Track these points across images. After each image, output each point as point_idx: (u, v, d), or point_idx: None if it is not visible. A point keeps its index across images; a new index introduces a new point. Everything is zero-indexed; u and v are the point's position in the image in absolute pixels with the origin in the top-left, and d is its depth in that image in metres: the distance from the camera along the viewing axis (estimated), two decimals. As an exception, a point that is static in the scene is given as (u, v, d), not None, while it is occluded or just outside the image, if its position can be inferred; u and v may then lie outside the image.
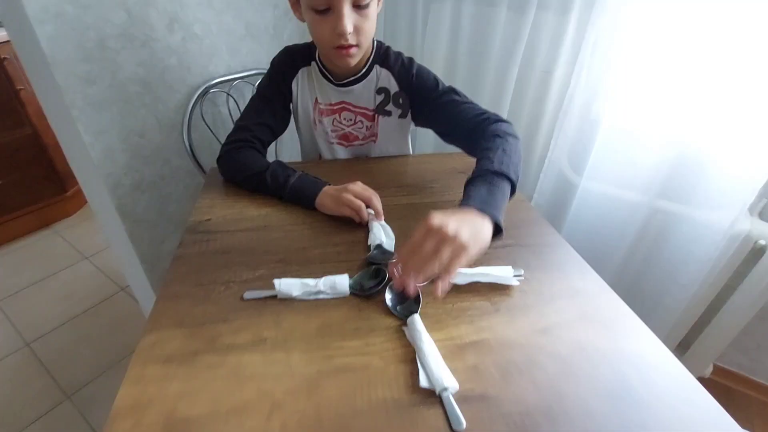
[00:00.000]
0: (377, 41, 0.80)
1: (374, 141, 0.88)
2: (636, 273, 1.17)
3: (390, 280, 0.54)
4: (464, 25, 1.10)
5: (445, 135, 0.81)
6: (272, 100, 0.82)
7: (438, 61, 1.17)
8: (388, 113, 0.83)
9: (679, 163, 0.98)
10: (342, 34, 0.65)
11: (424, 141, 1.28)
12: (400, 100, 0.81)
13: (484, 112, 0.74)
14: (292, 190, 0.71)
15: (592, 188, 1.12)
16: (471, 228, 0.48)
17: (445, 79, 1.19)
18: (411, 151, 0.96)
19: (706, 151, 0.95)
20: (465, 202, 0.57)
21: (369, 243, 0.62)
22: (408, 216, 0.71)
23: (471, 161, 0.69)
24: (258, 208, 0.71)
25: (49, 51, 0.75)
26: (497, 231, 0.55)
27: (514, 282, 0.55)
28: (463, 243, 0.46)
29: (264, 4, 1.12)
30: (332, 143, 0.87)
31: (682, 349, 1.22)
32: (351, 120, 0.84)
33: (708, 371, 1.25)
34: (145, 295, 1.17)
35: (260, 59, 1.14)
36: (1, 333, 1.43)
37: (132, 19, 0.85)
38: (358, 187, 0.68)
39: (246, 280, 0.56)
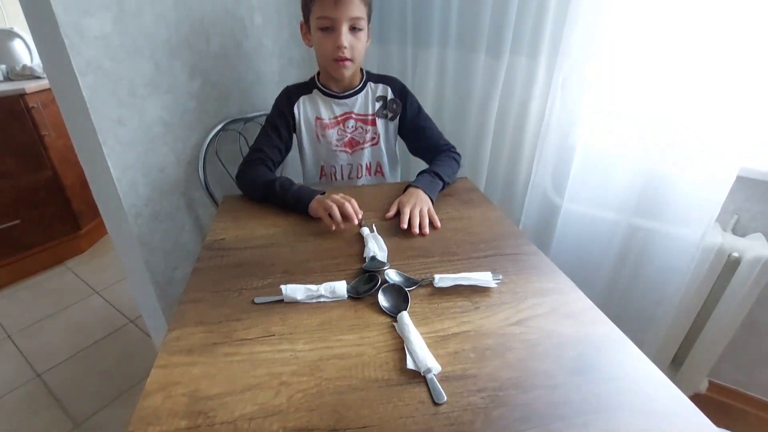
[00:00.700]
0: (366, 71, 1.02)
1: (376, 143, 1.05)
2: (624, 290, 1.22)
3: (383, 283, 0.62)
4: (449, 68, 1.24)
5: (414, 150, 1.08)
6: (278, 126, 0.99)
7: (427, 99, 1.30)
8: (385, 116, 1.03)
9: (649, 183, 1.07)
10: (340, 47, 0.87)
11: (416, 166, 1.39)
12: (394, 105, 1.02)
13: (447, 143, 1.05)
14: (293, 196, 0.85)
15: (574, 209, 1.20)
16: (423, 198, 0.86)
17: (434, 114, 1.32)
18: (398, 155, 1.13)
19: (671, 172, 1.04)
20: (415, 183, 0.90)
21: (364, 255, 0.70)
22: (400, 233, 0.79)
23: (456, 186, 1.01)
24: (266, 229, 0.80)
25: (88, 98, 0.87)
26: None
27: (493, 284, 0.63)
28: (425, 203, 0.84)
29: (272, 55, 1.27)
30: (335, 151, 1.03)
31: (676, 365, 1.26)
32: (353, 126, 1.02)
33: (703, 386, 1.27)
34: (157, 323, 1.23)
35: (267, 102, 1.26)
36: (13, 365, 1.47)
37: (159, 70, 0.99)
38: (338, 195, 0.81)
39: (256, 287, 0.63)
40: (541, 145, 1.17)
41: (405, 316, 0.56)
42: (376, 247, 0.72)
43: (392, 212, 0.84)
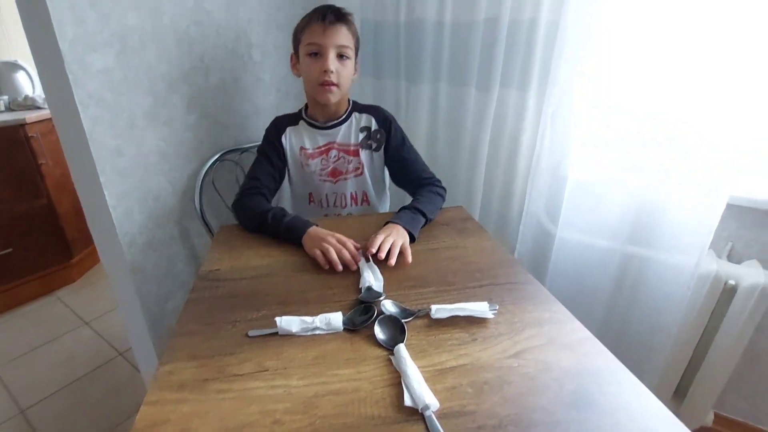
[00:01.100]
0: (353, 101, 1.05)
1: (360, 174, 1.05)
2: (621, 319, 1.21)
3: (379, 314, 0.61)
4: (441, 102, 1.28)
5: (397, 181, 1.08)
6: (270, 155, 1.01)
7: (421, 132, 1.33)
8: (369, 146, 1.04)
9: (641, 211, 1.09)
10: (327, 71, 0.90)
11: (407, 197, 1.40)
12: (378, 136, 1.04)
13: (431, 176, 1.05)
14: (285, 227, 0.85)
15: (569, 237, 1.21)
16: (401, 232, 0.84)
17: (428, 146, 1.35)
18: (387, 183, 1.13)
19: (663, 200, 1.06)
20: (395, 220, 0.87)
21: (360, 286, 0.70)
22: (396, 263, 0.79)
23: (451, 215, 1.00)
24: (261, 259, 0.80)
25: (88, 129, 0.89)
26: (412, 239, 0.86)
27: (490, 315, 0.62)
28: (401, 236, 0.82)
29: (269, 88, 1.31)
30: (319, 180, 1.04)
31: (679, 397, 1.23)
32: (336, 156, 1.03)
33: (709, 419, 1.24)
34: (147, 355, 1.20)
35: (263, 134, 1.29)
36: (-5, 400, 1.42)
37: (157, 102, 1.01)
38: (334, 238, 0.80)
39: (250, 319, 0.62)
40: (534, 174, 1.19)
41: (402, 349, 0.55)
42: (372, 277, 0.72)
43: (373, 249, 0.78)
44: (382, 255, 0.76)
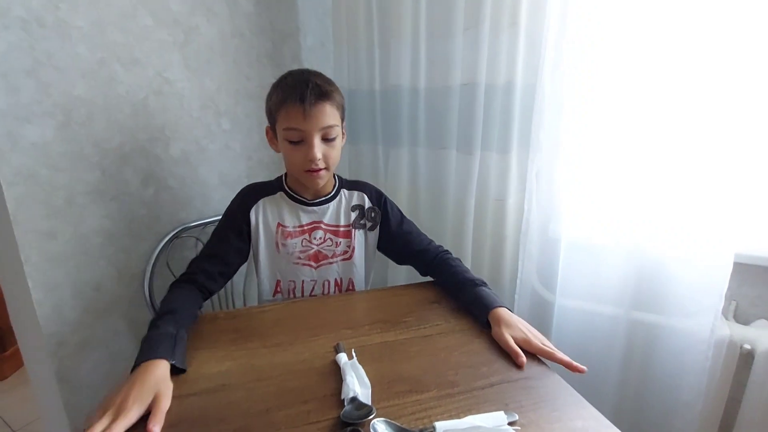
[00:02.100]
0: (339, 176, 0.94)
1: (349, 258, 0.92)
2: (635, 395, 1.09)
3: (369, 444, 0.47)
4: (421, 165, 1.22)
5: (402, 259, 0.96)
6: (229, 234, 0.86)
7: (401, 197, 1.25)
8: (363, 226, 0.93)
9: (643, 273, 1.01)
10: (313, 160, 0.78)
11: (396, 272, 1.29)
12: (372, 214, 0.93)
13: (437, 245, 0.94)
14: (142, 343, 0.63)
15: (568, 305, 1.11)
16: (518, 319, 0.74)
17: (410, 211, 1.27)
18: (372, 268, 1.00)
19: (666, 260, 0.99)
20: (492, 304, 0.74)
21: (342, 396, 0.55)
22: (384, 356, 0.65)
23: (441, 290, 0.87)
24: (218, 363, 0.64)
25: (13, 210, 0.75)
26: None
27: (510, 431, 0.49)
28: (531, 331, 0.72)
29: (238, 158, 1.22)
30: (297, 264, 0.89)
31: (712, 482, 1.07)
32: (321, 238, 0.89)
33: None
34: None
35: (232, 204, 1.18)
36: None
37: (106, 177, 0.89)
38: (128, 398, 0.53)
39: (194, 462, 0.46)
40: (525, 239, 1.11)
41: (402, 500, 0.40)
42: (356, 382, 0.57)
43: (523, 357, 0.64)
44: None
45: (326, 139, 0.80)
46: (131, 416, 0.51)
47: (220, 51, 1.13)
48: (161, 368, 0.58)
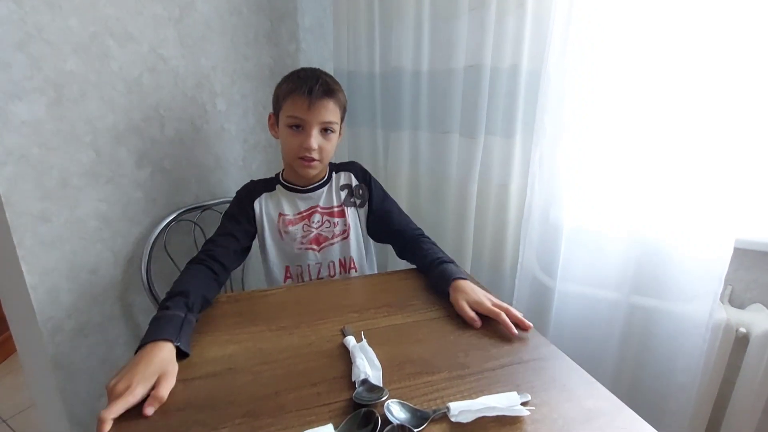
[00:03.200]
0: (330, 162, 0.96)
1: (347, 236, 0.94)
2: (632, 378, 1.10)
3: (384, 424, 0.46)
4: (422, 149, 1.21)
5: (381, 236, 0.99)
6: (239, 217, 0.89)
7: (402, 182, 1.24)
8: (354, 203, 0.96)
9: (644, 259, 1.02)
10: (308, 149, 0.83)
11: (395, 260, 1.28)
12: (360, 191, 0.96)
13: (418, 228, 0.97)
14: (149, 326, 0.61)
15: (569, 290, 1.12)
16: (475, 287, 0.75)
17: (410, 196, 1.26)
18: (370, 242, 1.02)
19: (666, 246, 1.00)
20: (459, 275, 0.77)
21: (353, 378, 0.55)
22: (392, 339, 0.65)
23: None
24: (222, 347, 0.63)
25: (5, 191, 0.72)
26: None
27: (524, 412, 0.48)
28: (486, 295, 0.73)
29: (234, 140, 1.19)
30: (301, 249, 0.92)
31: (703, 460, 1.10)
32: (319, 221, 0.93)
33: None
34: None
35: (229, 189, 1.16)
36: None
37: (100, 158, 0.86)
38: (140, 386, 0.51)
39: (205, 445, 0.45)
40: (527, 224, 1.11)
41: (421, 479, 0.40)
42: (367, 364, 0.57)
43: (478, 321, 0.68)
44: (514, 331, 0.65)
45: (324, 132, 0.85)
46: (136, 395, 0.50)
47: (217, 28, 1.09)
48: (166, 350, 0.57)
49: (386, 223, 0.96)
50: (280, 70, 1.30)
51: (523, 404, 0.50)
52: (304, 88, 0.81)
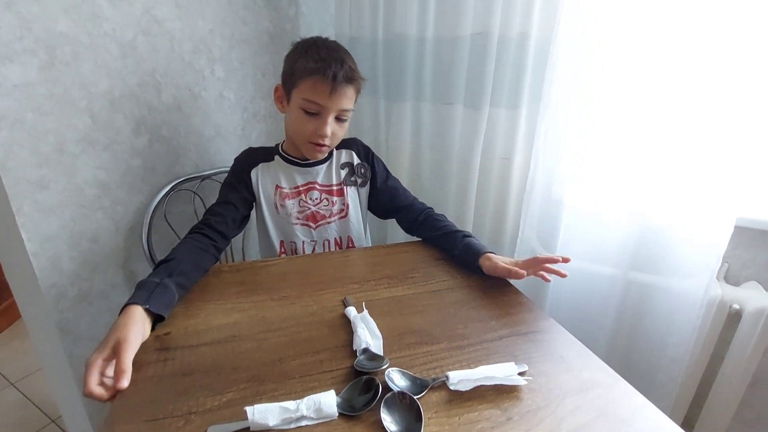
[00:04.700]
0: None
1: (345, 216, 0.92)
2: (625, 349, 1.13)
3: (385, 391, 0.47)
4: (425, 121, 1.18)
5: (386, 213, 0.98)
6: (236, 185, 0.88)
7: (403, 154, 1.22)
8: (354, 183, 0.93)
9: (644, 235, 1.02)
10: (323, 136, 0.80)
11: (396, 230, 1.28)
12: (362, 170, 0.94)
13: (422, 203, 0.96)
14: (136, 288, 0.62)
15: (567, 265, 1.12)
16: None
17: (411, 169, 1.25)
18: (367, 223, 1.01)
19: (665, 224, 0.99)
20: (482, 250, 0.79)
21: (354, 347, 0.56)
22: (393, 310, 0.65)
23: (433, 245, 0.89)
24: (226, 315, 0.64)
25: (1, 157, 0.71)
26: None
27: (521, 381, 0.50)
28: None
29: (234, 108, 1.16)
30: (296, 224, 0.90)
31: (686, 428, 1.15)
32: (317, 199, 0.90)
33: (716, 451, 1.16)
34: (81, 428, 0.97)
35: (228, 158, 1.13)
36: None
37: (96, 124, 0.84)
38: (115, 348, 0.52)
39: (210, 409, 0.46)
40: (529, 198, 1.10)
41: (421, 444, 0.41)
42: (368, 333, 0.58)
43: (522, 271, 0.72)
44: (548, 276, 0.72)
45: (338, 119, 0.82)
46: (95, 364, 0.50)
47: (213, -11, 1.04)
48: (128, 314, 0.56)
49: (393, 200, 0.95)
50: (279, 35, 1.26)
51: (521, 374, 0.51)
52: (328, 72, 0.75)
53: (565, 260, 0.70)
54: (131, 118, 0.90)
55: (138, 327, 0.55)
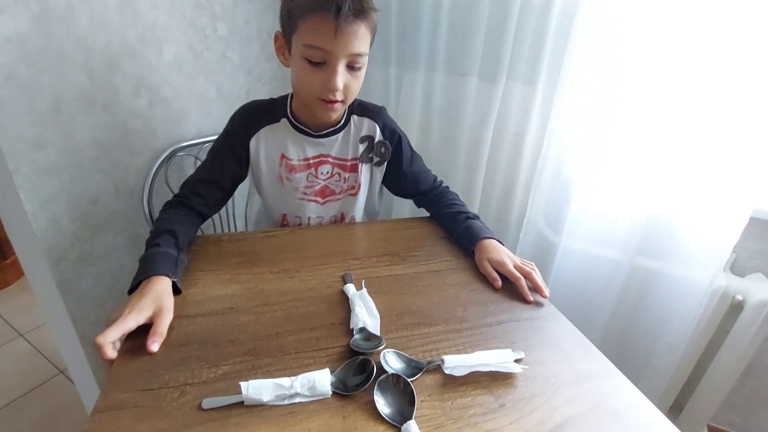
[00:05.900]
0: None
1: (355, 194, 0.85)
2: (622, 333, 1.14)
3: (380, 374, 0.47)
4: (437, 92, 1.13)
5: (404, 193, 0.91)
6: (225, 157, 0.77)
7: (413, 125, 1.18)
8: (370, 160, 0.84)
9: (653, 222, 1.00)
10: (333, 90, 0.66)
11: (401, 204, 1.26)
12: (382, 149, 0.83)
13: (438, 179, 0.91)
14: (140, 263, 0.61)
15: (573, 246, 1.11)
16: (501, 248, 0.73)
17: (421, 141, 1.21)
18: (382, 200, 0.97)
19: (677, 211, 0.97)
20: (480, 234, 0.74)
21: (351, 326, 0.55)
22: (393, 289, 0.65)
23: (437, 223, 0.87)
24: (224, 286, 0.63)
25: (-6, 114, 0.68)
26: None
27: (517, 369, 0.49)
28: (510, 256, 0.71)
29: (237, 70, 1.12)
30: (303, 199, 0.83)
31: (675, 411, 1.18)
32: (328, 173, 0.82)
33: (702, 433, 1.20)
34: (86, 384, 1.00)
35: (232, 122, 1.11)
36: None
37: (93, 82, 0.80)
38: (129, 320, 0.51)
39: (206, 381, 0.47)
40: (539, 178, 1.07)
41: (412, 427, 0.41)
42: (365, 312, 0.57)
43: (499, 281, 0.67)
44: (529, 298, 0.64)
45: (351, 67, 0.67)
46: (128, 321, 0.50)
47: (216, -62, 0.97)
48: (163, 283, 0.57)
49: (415, 185, 0.88)
50: (286, -9, 1.18)
51: (517, 361, 0.51)
52: (329, 7, 0.59)
53: (543, 296, 0.65)
54: (130, 78, 0.86)
55: (171, 299, 0.56)
